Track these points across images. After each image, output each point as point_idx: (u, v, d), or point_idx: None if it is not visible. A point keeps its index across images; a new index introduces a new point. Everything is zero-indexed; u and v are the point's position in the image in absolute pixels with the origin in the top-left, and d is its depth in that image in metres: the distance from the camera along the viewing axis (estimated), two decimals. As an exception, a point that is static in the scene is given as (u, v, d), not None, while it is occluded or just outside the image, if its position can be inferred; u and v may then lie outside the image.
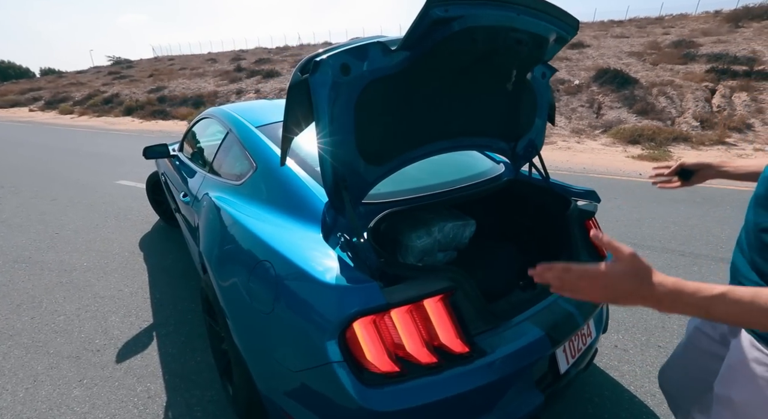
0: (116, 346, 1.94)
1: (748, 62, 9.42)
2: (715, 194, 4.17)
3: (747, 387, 0.71)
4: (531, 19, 1.01)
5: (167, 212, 3.34)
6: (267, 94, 14.08)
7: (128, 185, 4.93)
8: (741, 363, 0.73)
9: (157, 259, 2.86)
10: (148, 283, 2.53)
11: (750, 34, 12.45)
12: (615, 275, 0.56)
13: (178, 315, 2.17)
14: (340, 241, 1.05)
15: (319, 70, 0.88)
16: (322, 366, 0.86)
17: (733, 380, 0.74)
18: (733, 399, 0.73)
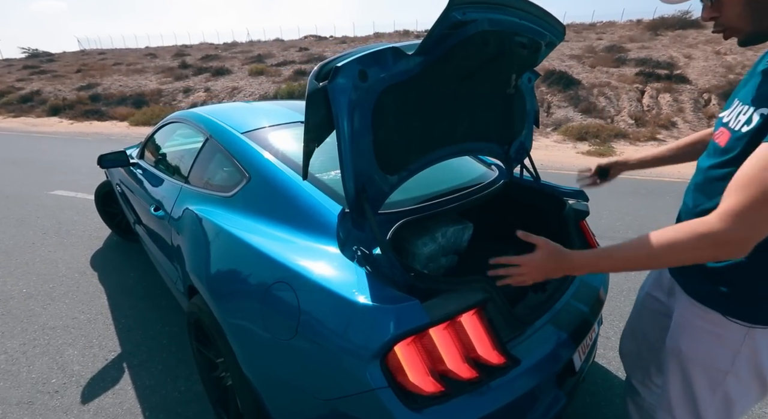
0: (79, 384, 1.70)
1: (668, 67, 10.59)
2: (656, 186, 4.64)
3: (692, 337, 0.84)
4: (531, 25, 1.05)
5: (123, 225, 3.01)
6: (218, 93, 13.27)
7: (66, 195, 4.38)
8: (684, 318, 0.86)
9: (116, 279, 2.56)
10: (108, 307, 2.26)
11: (667, 41, 14.01)
12: (541, 258, 0.80)
13: (150, 341, 1.96)
14: (357, 255, 1.00)
15: (339, 76, 0.83)
16: (362, 394, 0.80)
17: (680, 333, 0.87)
18: (682, 349, 0.86)
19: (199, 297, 1.29)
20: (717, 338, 0.80)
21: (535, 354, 0.98)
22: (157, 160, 2.14)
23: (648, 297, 1.07)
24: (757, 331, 0.76)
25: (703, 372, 0.83)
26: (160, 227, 1.75)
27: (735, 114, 0.76)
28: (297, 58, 17.26)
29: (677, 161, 1.14)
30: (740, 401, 0.82)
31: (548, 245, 0.80)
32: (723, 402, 0.83)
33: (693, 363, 0.84)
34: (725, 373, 0.80)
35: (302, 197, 1.15)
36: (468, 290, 0.90)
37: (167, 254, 1.75)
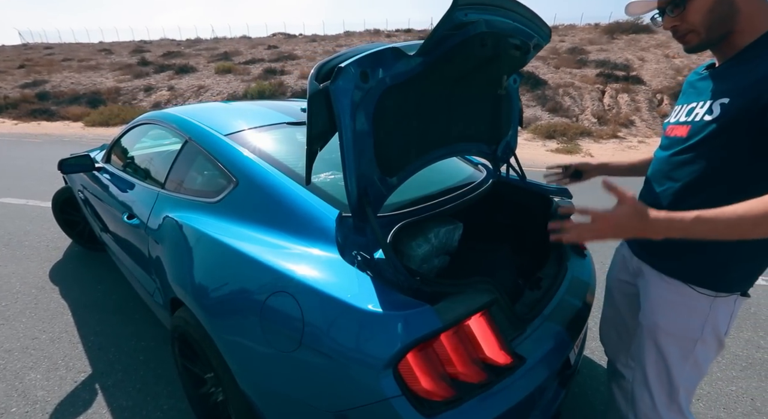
0: (45, 411, 1.56)
1: (624, 68, 11.27)
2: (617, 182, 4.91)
3: (666, 311, 0.92)
4: (522, 27, 1.07)
5: (86, 234, 2.79)
6: (183, 91, 12.67)
7: (14, 203, 4.00)
8: (657, 295, 0.93)
9: (80, 293, 2.36)
10: (73, 324, 2.09)
11: (623, 44, 14.89)
12: (624, 215, 0.73)
13: (125, 358, 1.82)
14: (357, 260, 0.97)
15: (341, 77, 0.80)
16: (375, 404, 0.78)
17: (654, 309, 0.94)
18: (658, 324, 0.94)
19: (186, 310, 1.21)
20: (688, 309, 0.89)
21: (538, 351, 0.99)
22: (128, 164, 2.00)
23: (618, 282, 1.15)
24: (719, 300, 0.86)
25: (676, 342, 0.92)
26: (135, 235, 1.63)
27: (687, 112, 0.89)
28: (266, 57, 16.81)
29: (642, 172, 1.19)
30: (705, 364, 0.93)
31: (635, 202, 0.73)
32: (693, 368, 0.93)
33: (667, 335, 0.93)
34: (695, 341, 0.90)
35: (297, 202, 1.10)
36: (474, 291, 0.90)
37: (143, 264, 1.64)
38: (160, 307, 1.58)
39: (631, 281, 1.08)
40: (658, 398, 0.97)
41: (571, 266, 1.36)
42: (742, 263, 0.84)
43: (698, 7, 0.79)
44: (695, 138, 0.84)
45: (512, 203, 1.71)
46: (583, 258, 1.48)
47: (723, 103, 0.79)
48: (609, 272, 1.22)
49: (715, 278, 0.85)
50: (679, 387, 0.94)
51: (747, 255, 0.83)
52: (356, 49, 0.95)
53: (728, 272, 0.84)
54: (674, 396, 0.95)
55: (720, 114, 0.79)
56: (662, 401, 0.96)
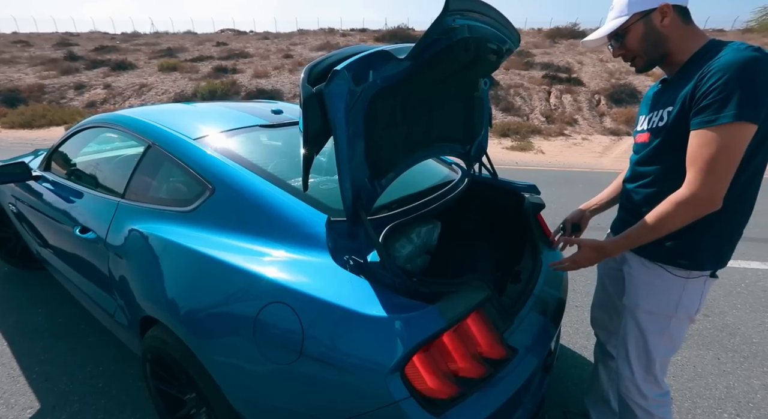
0: (-13, 456, 1.36)
1: (566, 71, 12.16)
2: (569, 177, 5.30)
3: (646, 292, 1.05)
4: (498, 32, 1.12)
5: (17, 251, 2.47)
6: (123, 90, 11.63)
7: None
8: (639, 278, 1.07)
9: (16, 318, 2.09)
10: (11, 354, 1.84)
11: (563, 48, 16.04)
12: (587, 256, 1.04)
13: (81, 387, 1.64)
14: (349, 264, 0.96)
15: (335, 80, 0.79)
16: (384, 408, 0.77)
17: (636, 290, 1.07)
18: (639, 303, 1.06)
19: (162, 329, 1.12)
20: (665, 290, 1.02)
21: (527, 341, 1.05)
22: (74, 172, 1.79)
23: (606, 269, 1.28)
24: (691, 280, 0.99)
25: (653, 319, 1.05)
26: (89, 251, 1.47)
27: (648, 120, 1.05)
28: (215, 54, 15.94)
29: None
30: (678, 338, 1.06)
31: (589, 244, 1.03)
32: (668, 342, 1.05)
33: (646, 313, 1.05)
34: (670, 317, 1.03)
35: (283, 207, 1.06)
36: (470, 289, 0.93)
37: (100, 282, 1.49)
38: (123, 328, 1.45)
39: (617, 267, 1.19)
40: (636, 370, 1.08)
41: (545, 259, 1.44)
42: (711, 246, 0.97)
43: (632, 38, 0.97)
44: (654, 142, 1.00)
45: (485, 201, 1.78)
46: (553, 251, 1.58)
47: (669, 111, 0.94)
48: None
49: (689, 258, 0.97)
50: (656, 360, 1.06)
51: (714, 239, 0.96)
52: (344, 51, 0.94)
53: (700, 254, 0.97)
54: (651, 369, 1.07)
55: (668, 120, 0.95)
56: (640, 373, 1.08)
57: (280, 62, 13.83)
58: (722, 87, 0.80)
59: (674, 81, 0.97)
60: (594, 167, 6.37)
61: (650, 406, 1.09)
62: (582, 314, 2.18)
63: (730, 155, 0.82)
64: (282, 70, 12.75)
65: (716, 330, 2.08)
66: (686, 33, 0.94)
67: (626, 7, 0.96)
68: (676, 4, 0.93)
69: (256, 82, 11.45)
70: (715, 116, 0.82)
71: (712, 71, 0.83)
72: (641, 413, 1.11)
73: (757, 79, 0.79)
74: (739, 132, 0.81)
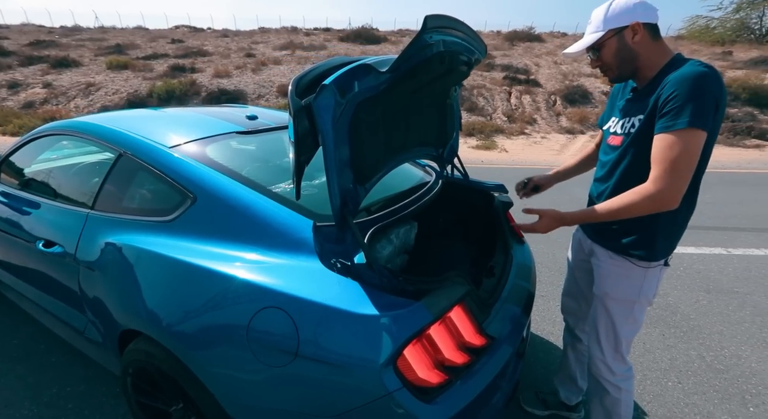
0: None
1: (525, 72, 12.77)
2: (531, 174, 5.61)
3: (613, 281, 1.18)
4: (468, 45, 1.21)
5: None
6: (66, 89, 10.75)
7: None
8: (606, 269, 1.19)
9: (-34, 342, 1.92)
10: (-36, 382, 1.70)
11: (521, 51, 16.82)
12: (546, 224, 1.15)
13: (47, 411, 1.56)
14: (337, 267, 1.01)
15: (323, 94, 0.83)
16: (378, 399, 0.83)
17: (604, 280, 1.20)
18: (607, 292, 1.19)
19: (146, 342, 1.10)
20: (628, 278, 1.15)
21: (503, 330, 1.14)
22: (30, 182, 1.68)
23: (576, 261, 1.40)
24: (650, 270, 1.13)
25: (619, 305, 1.18)
26: (55, 266, 1.40)
27: (620, 125, 1.15)
28: (171, 52, 15.14)
29: (582, 170, 1.51)
30: (640, 320, 1.21)
31: (551, 215, 1.14)
32: (632, 324, 1.20)
33: (613, 300, 1.18)
34: (633, 302, 1.16)
35: (268, 214, 1.08)
36: (452, 285, 1.01)
37: (66, 298, 1.42)
38: (96, 345, 1.40)
39: (586, 259, 1.32)
40: (606, 351, 1.21)
41: (515, 254, 1.56)
42: (664, 240, 1.10)
43: (607, 53, 1.07)
44: (625, 145, 1.11)
45: (458, 200, 1.88)
46: (522, 245, 1.70)
47: (639, 119, 1.06)
48: (569, 253, 1.46)
49: (647, 251, 1.11)
50: (622, 340, 1.19)
51: (665, 235, 1.09)
52: (328, 63, 0.98)
53: (655, 246, 1.10)
54: (618, 348, 1.20)
55: (638, 128, 1.06)
56: (610, 353, 1.21)
57: (241, 61, 13.40)
58: (678, 97, 0.92)
59: (643, 92, 1.07)
60: (553, 163, 6.76)
61: (618, 381, 1.23)
62: (547, 303, 2.35)
63: (689, 157, 0.93)
64: (244, 69, 12.36)
65: (661, 309, 2.33)
66: (655, 49, 1.05)
67: (602, 23, 1.05)
68: (646, 22, 1.02)
69: (218, 82, 11.03)
70: (672, 121, 0.93)
71: (670, 83, 0.95)
72: (611, 387, 1.24)
73: (705, 93, 0.91)
74: (693, 138, 0.92)
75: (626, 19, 1.02)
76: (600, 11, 1.07)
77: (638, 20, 1.02)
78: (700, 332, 2.13)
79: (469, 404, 0.92)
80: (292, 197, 1.22)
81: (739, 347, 2.00)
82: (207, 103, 9.95)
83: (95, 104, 10.18)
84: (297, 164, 0.89)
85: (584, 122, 9.47)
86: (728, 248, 3.20)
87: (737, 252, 3.14)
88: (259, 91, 10.56)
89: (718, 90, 0.92)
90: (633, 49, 1.04)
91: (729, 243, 3.28)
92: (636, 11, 1.02)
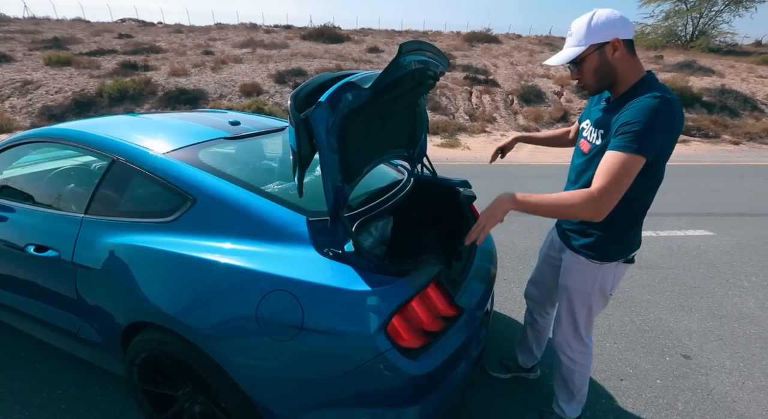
0: None
1: (484, 73, 13.39)
2: (492, 170, 6.00)
3: (573, 275, 1.36)
4: (434, 61, 1.42)
5: None
6: (0, 87, 9.83)
7: None
8: (569, 264, 1.37)
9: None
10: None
11: (480, 52, 17.57)
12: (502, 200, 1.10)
13: (39, 412, 1.59)
14: (329, 255, 1.18)
15: (318, 109, 1.01)
16: (374, 358, 1.01)
17: (567, 274, 1.38)
18: (568, 284, 1.37)
19: (155, 331, 1.21)
20: (585, 274, 1.32)
21: (471, 303, 1.37)
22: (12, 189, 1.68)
23: (547, 257, 1.58)
24: (604, 267, 1.29)
25: (579, 296, 1.36)
26: (48, 270, 1.44)
27: (590, 132, 1.26)
28: (119, 47, 14.24)
29: (545, 144, 1.72)
30: (596, 310, 1.38)
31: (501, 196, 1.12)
32: (588, 312, 1.38)
33: (574, 291, 1.36)
34: (589, 294, 1.33)
35: (266, 212, 1.22)
36: (428, 265, 1.21)
37: (57, 301, 1.47)
38: (91, 344, 1.47)
39: (557, 256, 1.49)
40: (567, 331, 1.42)
41: (478, 240, 1.80)
42: (614, 242, 1.26)
43: (588, 67, 1.14)
44: (589, 154, 1.24)
45: (428, 196, 2.09)
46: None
47: (602, 133, 1.17)
48: (542, 249, 1.64)
49: (599, 252, 1.27)
50: (580, 325, 1.39)
51: (616, 238, 1.24)
52: (319, 78, 1.16)
53: (606, 249, 1.26)
54: (577, 330, 1.40)
55: (601, 142, 1.18)
56: (570, 333, 1.41)
57: (199, 59, 12.90)
58: (634, 124, 1.02)
59: (612, 106, 1.16)
60: (512, 160, 7.24)
61: (573, 355, 1.43)
62: (509, 285, 2.65)
63: (628, 178, 1.02)
64: (203, 68, 11.93)
65: (603, 285, 2.70)
66: (631, 66, 1.11)
67: (584, 38, 1.09)
68: (624, 39, 1.08)
69: (175, 81, 10.57)
70: (624, 143, 1.02)
71: (631, 110, 1.04)
72: (566, 360, 1.44)
73: (656, 126, 1.01)
74: (637, 163, 1.02)
75: (608, 35, 1.07)
76: (582, 24, 1.10)
77: (619, 37, 1.07)
78: (632, 301, 2.51)
79: (444, 360, 1.13)
80: (284, 196, 1.38)
81: (661, 311, 2.40)
82: (164, 104, 9.53)
83: (35, 104, 9.40)
84: (300, 167, 1.05)
85: (539, 121, 10.16)
86: (657, 230, 3.71)
87: (664, 234, 3.65)
88: (220, 91, 10.26)
89: (669, 120, 1.03)
90: (612, 64, 1.10)
91: (657, 226, 3.79)
92: (617, 27, 1.07)
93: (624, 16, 1.09)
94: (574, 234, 1.34)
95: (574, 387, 1.48)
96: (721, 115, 10.57)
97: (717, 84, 12.30)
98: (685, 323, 2.29)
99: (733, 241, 3.52)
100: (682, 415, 1.67)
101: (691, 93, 11.16)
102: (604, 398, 1.75)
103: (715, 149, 8.57)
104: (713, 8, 20.89)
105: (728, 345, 2.11)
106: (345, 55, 14.48)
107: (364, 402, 1.09)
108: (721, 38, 20.75)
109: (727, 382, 1.85)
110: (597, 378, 1.86)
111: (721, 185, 5.48)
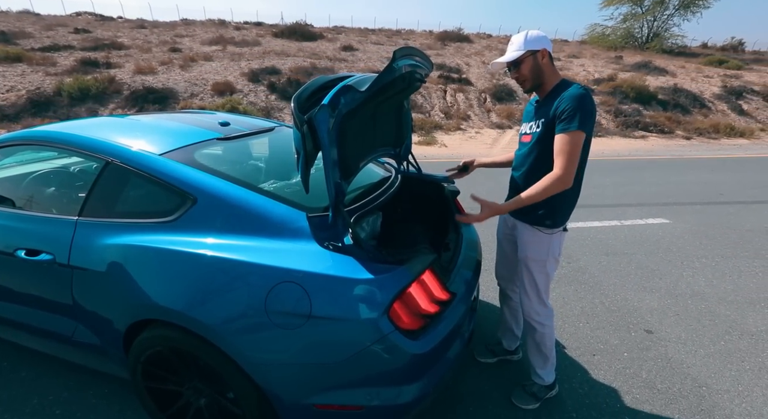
0: None
1: (457, 72, 13.70)
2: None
3: (529, 246, 1.56)
4: (421, 65, 1.52)
5: None
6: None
7: None
8: (524, 237, 1.58)
9: None
10: None
11: (453, 51, 17.93)
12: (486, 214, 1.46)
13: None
14: (330, 247, 1.25)
15: (320, 111, 1.08)
16: (378, 340, 1.10)
17: (523, 246, 1.59)
18: (527, 255, 1.57)
19: (162, 328, 1.24)
20: (538, 243, 1.55)
21: (460, 289, 1.48)
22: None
23: (503, 235, 1.80)
24: (553, 235, 1.53)
25: (536, 263, 1.57)
26: (40, 274, 1.42)
27: (529, 127, 1.55)
28: (76, 43, 13.45)
29: (504, 166, 1.90)
30: (552, 273, 1.60)
31: (489, 205, 1.46)
32: (546, 277, 1.60)
33: (531, 260, 1.57)
34: (545, 261, 1.56)
35: (268, 209, 1.28)
36: (423, 254, 1.31)
37: (50, 306, 1.46)
38: (86, 347, 1.47)
39: (510, 232, 1.72)
40: (532, 298, 1.61)
41: (464, 232, 1.92)
42: (561, 211, 1.51)
43: (525, 67, 1.45)
44: (533, 141, 1.50)
45: (414, 191, 2.20)
46: (468, 226, 2.08)
47: (542, 122, 1.45)
48: (497, 229, 1.84)
49: (551, 220, 1.51)
50: (541, 289, 1.59)
51: (564, 206, 1.50)
52: (318, 81, 1.23)
53: (556, 216, 1.51)
54: (540, 295, 1.60)
55: (541, 128, 1.46)
56: (534, 299, 1.61)
57: (166, 56, 12.41)
58: (571, 109, 1.33)
59: (543, 103, 1.48)
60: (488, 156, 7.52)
61: (541, 319, 1.63)
62: (490, 275, 2.79)
63: (578, 150, 1.35)
64: (171, 66, 11.49)
65: (574, 271, 2.92)
66: (552, 72, 1.47)
67: (522, 45, 1.43)
68: (549, 52, 1.45)
69: (141, 79, 10.13)
70: (568, 125, 1.34)
71: (565, 99, 1.36)
72: (537, 325, 1.63)
73: (586, 107, 1.34)
74: (579, 137, 1.34)
75: (539, 45, 1.43)
76: (520, 37, 1.46)
77: (546, 48, 1.44)
78: (602, 285, 2.74)
79: (441, 340, 1.24)
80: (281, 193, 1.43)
81: (627, 293, 2.64)
82: (131, 103, 9.12)
83: (-14, 103, 8.74)
84: (305, 164, 1.11)
85: (511, 118, 10.55)
86: (621, 220, 4.01)
87: (627, 223, 3.95)
88: (191, 90, 9.94)
89: (592, 105, 1.37)
90: (541, 67, 1.45)
91: (622, 216, 4.10)
92: (544, 42, 1.45)
93: (547, 36, 1.46)
94: (527, 209, 1.53)
95: (546, 348, 1.66)
96: (674, 112, 11.38)
97: (670, 83, 13.22)
98: (647, 302, 2.53)
99: (686, 227, 3.87)
100: (646, 382, 1.86)
101: (648, 92, 11.95)
102: (579, 371, 1.92)
103: (670, 144, 9.24)
104: (665, 12, 22.38)
105: (683, 319, 2.36)
106: (319, 54, 14.37)
107: (369, 381, 1.17)
108: (672, 40, 22.30)
109: (683, 351, 2.08)
110: (572, 354, 2.04)
111: (676, 177, 5.95)
